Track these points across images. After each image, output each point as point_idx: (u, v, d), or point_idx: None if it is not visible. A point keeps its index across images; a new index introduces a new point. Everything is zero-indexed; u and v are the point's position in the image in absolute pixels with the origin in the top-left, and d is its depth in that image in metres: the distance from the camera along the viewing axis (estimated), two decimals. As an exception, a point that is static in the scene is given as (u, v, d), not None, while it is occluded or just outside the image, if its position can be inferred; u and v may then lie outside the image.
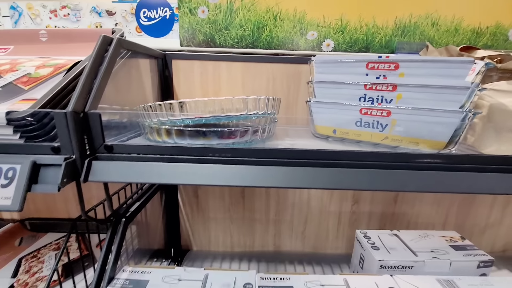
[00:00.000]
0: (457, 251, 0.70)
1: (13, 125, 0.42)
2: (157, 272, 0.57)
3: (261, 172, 0.43)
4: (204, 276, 0.57)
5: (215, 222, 1.10)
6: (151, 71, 0.81)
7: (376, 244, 0.72)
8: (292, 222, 1.09)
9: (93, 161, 0.43)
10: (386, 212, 1.06)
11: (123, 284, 0.53)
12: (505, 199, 1.06)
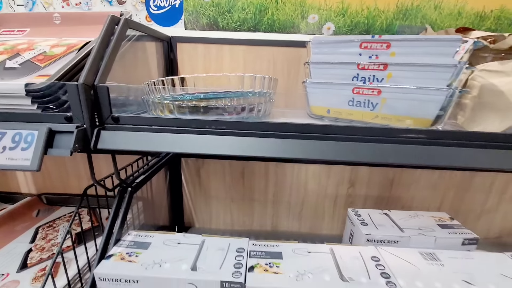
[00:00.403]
0: (444, 229, 0.74)
1: (31, 96, 0.47)
2: (159, 237, 0.63)
3: (253, 143, 0.47)
4: (201, 241, 0.62)
5: (216, 201, 1.16)
6: (157, 53, 0.86)
7: (365, 221, 0.77)
8: (290, 203, 1.14)
9: (102, 130, 0.49)
10: (381, 195, 1.09)
11: (128, 245, 0.59)
12: (503, 185, 1.07)
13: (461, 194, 1.09)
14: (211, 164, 1.07)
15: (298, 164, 1.05)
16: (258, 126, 0.48)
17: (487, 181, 1.07)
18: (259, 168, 1.07)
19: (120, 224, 0.61)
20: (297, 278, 0.52)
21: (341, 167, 1.05)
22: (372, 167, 1.04)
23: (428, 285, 0.52)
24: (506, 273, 0.57)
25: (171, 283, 0.51)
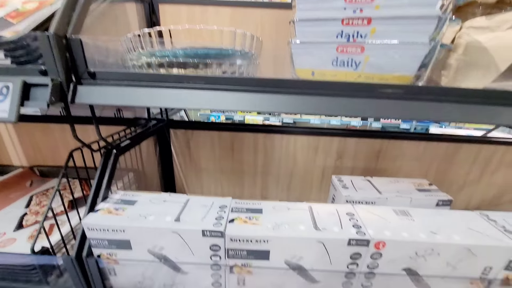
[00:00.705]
0: (421, 192, 0.78)
1: (3, 49, 0.49)
2: (146, 195, 0.67)
3: (231, 98, 0.49)
4: (186, 199, 0.66)
5: (206, 173, 1.19)
6: (138, 15, 0.85)
7: (347, 185, 0.80)
8: (279, 175, 1.18)
9: (78, 86, 0.50)
10: (368, 167, 1.13)
11: (115, 201, 0.63)
12: (486, 158, 1.11)
13: (445, 166, 1.13)
14: (200, 136, 1.10)
15: (286, 136, 1.08)
16: (236, 81, 0.50)
17: (471, 154, 1.10)
18: (248, 140, 1.10)
19: (107, 183, 0.65)
20: (274, 228, 0.56)
21: (329, 139, 1.08)
22: (359, 139, 1.07)
23: (395, 234, 0.56)
24: (472, 227, 0.61)
25: (155, 232, 0.55)
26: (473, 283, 0.61)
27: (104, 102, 0.50)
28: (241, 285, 0.64)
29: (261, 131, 1.07)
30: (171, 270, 0.63)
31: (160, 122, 1.01)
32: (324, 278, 0.61)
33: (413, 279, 0.61)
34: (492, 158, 1.11)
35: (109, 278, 0.65)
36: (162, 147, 1.11)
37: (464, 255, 0.57)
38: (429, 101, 0.47)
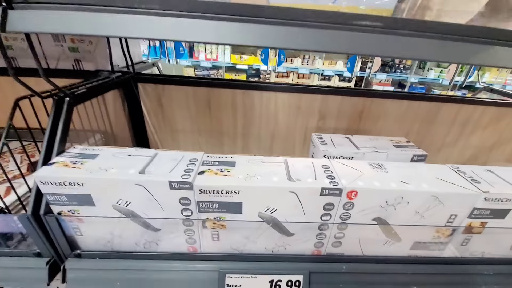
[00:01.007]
0: (397, 148, 0.79)
1: None
2: (108, 150, 0.62)
3: (187, 25, 0.43)
4: (154, 153, 0.63)
5: (183, 134, 1.15)
6: None
7: (325, 142, 0.80)
8: (260, 137, 1.16)
9: (9, 10, 0.43)
10: (350, 128, 1.13)
11: (73, 155, 0.58)
12: (465, 118, 1.15)
13: (426, 127, 1.15)
14: (173, 92, 1.04)
15: (266, 93, 1.04)
16: (197, 5, 0.43)
17: (451, 114, 1.13)
18: (225, 97, 1.05)
19: (62, 136, 0.59)
20: (246, 179, 0.55)
21: (311, 97, 1.06)
22: (342, 97, 1.06)
23: (367, 183, 0.57)
24: (442, 177, 0.63)
25: (117, 185, 0.52)
26: (438, 231, 0.64)
27: (40, 29, 0.43)
28: (216, 240, 0.63)
29: (240, 87, 1.02)
30: (141, 227, 0.61)
31: (126, 75, 0.94)
32: (298, 231, 0.62)
33: (383, 229, 0.63)
34: (470, 118, 1.15)
35: (76, 239, 0.63)
36: (131, 104, 1.04)
37: (432, 203, 0.59)
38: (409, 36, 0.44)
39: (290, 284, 0.65)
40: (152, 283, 0.64)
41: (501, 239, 0.68)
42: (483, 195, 0.58)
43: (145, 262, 0.64)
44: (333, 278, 0.68)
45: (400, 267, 0.69)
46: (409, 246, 0.67)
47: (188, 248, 0.65)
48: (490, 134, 1.19)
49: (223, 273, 0.64)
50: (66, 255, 0.63)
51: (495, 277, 0.71)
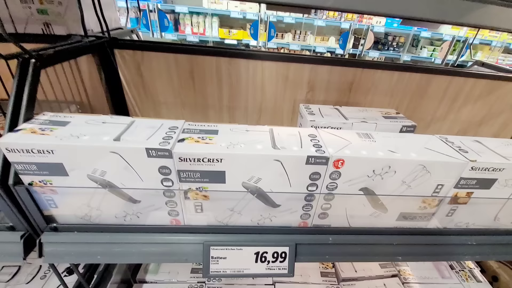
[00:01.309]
0: (387, 119, 0.79)
1: None
2: (81, 117, 0.60)
3: None
4: (131, 121, 0.60)
5: (166, 108, 1.12)
6: None
7: (313, 112, 0.79)
8: (247, 109, 1.13)
9: None
10: (340, 101, 1.12)
11: (42, 122, 0.55)
12: (455, 92, 1.15)
13: (416, 100, 1.15)
14: (153, 60, 0.99)
15: (253, 62, 1.01)
16: None
17: (442, 86, 1.13)
18: (209, 66, 1.02)
19: (28, 101, 0.56)
20: (228, 147, 0.53)
21: (299, 66, 1.03)
22: (332, 67, 1.03)
23: (354, 152, 0.56)
24: (429, 146, 0.63)
25: (90, 152, 0.50)
26: (425, 201, 0.65)
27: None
28: (199, 212, 0.63)
29: (225, 55, 0.99)
30: (120, 199, 0.60)
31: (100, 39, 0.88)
32: (284, 202, 0.62)
33: (370, 199, 0.64)
34: (461, 91, 1.15)
35: (51, 212, 0.61)
36: (108, 74, 0.99)
37: (419, 172, 0.59)
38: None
39: (276, 256, 0.66)
40: (135, 257, 0.64)
41: (486, 209, 0.70)
42: (470, 164, 0.59)
43: (127, 235, 0.64)
44: (319, 249, 0.69)
45: (386, 238, 0.70)
46: (395, 217, 0.68)
47: (171, 220, 0.64)
48: (480, 108, 1.20)
49: (208, 245, 0.64)
50: (42, 228, 0.62)
51: (478, 248, 0.74)
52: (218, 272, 0.66)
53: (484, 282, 1.14)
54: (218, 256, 0.65)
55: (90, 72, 0.92)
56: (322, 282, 1.06)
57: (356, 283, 1.07)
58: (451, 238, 0.73)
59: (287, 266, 0.67)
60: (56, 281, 0.95)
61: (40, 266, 1.00)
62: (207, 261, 0.65)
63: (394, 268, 1.14)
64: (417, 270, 1.16)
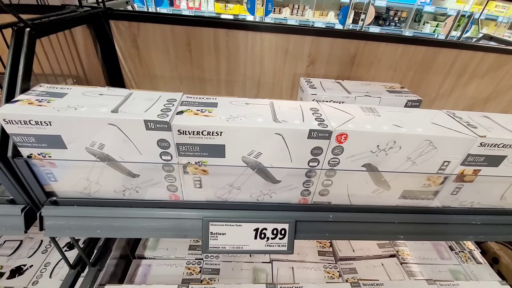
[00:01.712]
0: (391, 93, 0.79)
1: None
2: (78, 89, 0.61)
3: None
4: (128, 93, 0.61)
5: (163, 81, 1.12)
6: None
7: (315, 86, 0.79)
8: (245, 84, 1.13)
9: None
10: (341, 75, 1.11)
11: (39, 93, 0.57)
12: (462, 67, 1.13)
13: (420, 75, 1.14)
14: (149, 31, 0.98)
15: (252, 33, 1.00)
16: None
17: (449, 60, 1.11)
18: (207, 38, 1.01)
19: (24, 71, 0.57)
20: (228, 119, 0.54)
21: (300, 38, 1.02)
22: (333, 39, 1.02)
23: (358, 126, 0.57)
24: (436, 121, 0.63)
25: (88, 124, 0.52)
26: (430, 179, 0.66)
27: None
28: (198, 187, 0.65)
29: (222, 26, 0.98)
30: (118, 173, 0.61)
31: (95, 9, 0.88)
32: (285, 178, 0.63)
33: (373, 176, 0.65)
34: (468, 66, 1.13)
35: (51, 185, 0.63)
36: (104, 46, 0.99)
37: (425, 148, 0.60)
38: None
39: (276, 233, 0.68)
40: (134, 231, 0.67)
41: (493, 188, 0.71)
42: (480, 140, 0.59)
43: (126, 210, 0.66)
44: (319, 227, 0.71)
45: (388, 216, 0.72)
46: (398, 195, 0.70)
47: (170, 196, 0.66)
48: (487, 83, 1.19)
49: (207, 221, 0.66)
50: (42, 202, 0.64)
51: (482, 227, 0.76)
52: (217, 248, 0.68)
53: (484, 264, 1.17)
54: (217, 232, 0.67)
55: (86, 45, 0.92)
56: (319, 261, 1.09)
57: (354, 262, 1.10)
58: (454, 217, 0.74)
59: (287, 243, 0.70)
60: (57, 255, 0.99)
61: (42, 241, 1.05)
62: (206, 237, 0.67)
63: (392, 248, 1.18)
64: (415, 251, 1.19)
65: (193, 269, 1.03)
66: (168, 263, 1.05)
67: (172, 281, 0.93)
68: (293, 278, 1.02)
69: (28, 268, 0.97)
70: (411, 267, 1.12)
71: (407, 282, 0.99)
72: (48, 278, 0.95)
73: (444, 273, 1.11)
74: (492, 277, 1.12)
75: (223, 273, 1.03)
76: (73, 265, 0.87)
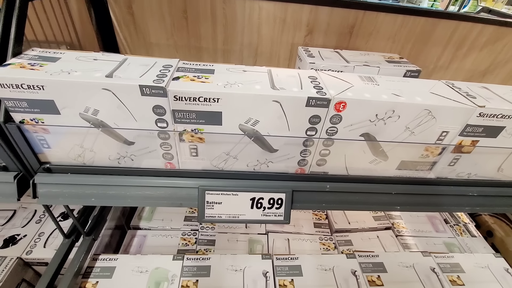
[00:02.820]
0: (390, 63, 0.80)
1: None
2: (71, 53, 0.62)
3: None
4: (123, 58, 0.62)
5: (158, 50, 1.13)
6: None
7: (313, 55, 0.80)
8: (242, 53, 1.14)
9: None
10: (340, 45, 1.13)
11: (31, 57, 0.58)
12: (461, 38, 1.15)
13: (419, 47, 1.16)
14: (145, 0, 0.98)
15: (249, 1, 1.00)
16: None
17: (448, 32, 1.13)
18: (204, 5, 1.01)
19: (16, 34, 0.58)
20: (225, 86, 0.56)
21: (298, 7, 1.02)
22: (332, 8, 1.02)
23: (357, 94, 0.59)
24: (435, 91, 0.66)
25: (82, 89, 0.53)
26: (428, 149, 0.70)
27: None
28: (194, 155, 0.67)
29: None
30: (113, 140, 0.64)
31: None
32: (282, 147, 0.66)
33: (371, 146, 0.68)
34: (467, 38, 1.16)
35: (44, 152, 0.65)
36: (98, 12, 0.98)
37: (424, 118, 0.63)
38: None
39: (272, 202, 0.72)
40: (128, 200, 0.70)
41: (490, 159, 0.74)
42: (479, 110, 0.62)
43: (121, 178, 0.69)
44: (316, 197, 0.75)
45: (385, 187, 0.76)
46: (396, 166, 0.73)
47: (165, 164, 0.69)
48: (485, 56, 1.22)
49: (203, 190, 0.69)
50: (35, 169, 0.67)
51: (479, 199, 0.80)
52: (213, 217, 0.72)
53: (478, 237, 1.24)
54: (213, 201, 0.71)
55: (80, 11, 0.92)
56: (315, 233, 1.15)
57: (349, 234, 1.17)
58: (451, 188, 0.78)
59: (283, 212, 0.74)
60: (51, 225, 1.04)
61: (35, 211, 1.09)
62: (202, 206, 0.71)
63: (388, 221, 1.24)
64: (411, 224, 1.26)
65: (189, 240, 1.08)
66: (163, 234, 1.10)
67: (167, 252, 0.98)
68: (289, 249, 1.09)
69: (22, 237, 1.01)
70: (406, 239, 1.18)
71: (402, 254, 1.06)
72: (42, 248, 0.99)
73: (438, 246, 1.18)
74: (486, 250, 1.19)
75: (218, 244, 1.09)
76: (67, 234, 0.91)
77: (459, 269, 1.02)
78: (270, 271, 0.93)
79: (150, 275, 0.90)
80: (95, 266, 0.92)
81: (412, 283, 0.95)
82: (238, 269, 0.94)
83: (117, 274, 0.90)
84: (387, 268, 0.98)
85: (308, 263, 0.97)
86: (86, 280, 0.88)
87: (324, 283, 0.92)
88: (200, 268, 0.93)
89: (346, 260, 1.00)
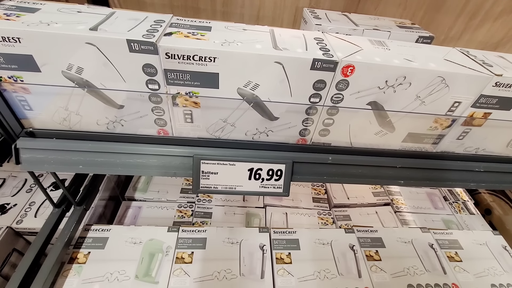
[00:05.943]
0: (401, 28, 0.75)
1: None
2: (53, 4, 0.56)
3: None
4: (110, 12, 0.57)
5: (152, 9, 1.06)
6: None
7: (319, 16, 0.74)
8: (243, 17, 1.08)
9: None
10: (347, 10, 1.05)
11: (8, 8, 0.52)
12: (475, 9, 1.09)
13: (431, 14, 1.10)
14: None
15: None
16: None
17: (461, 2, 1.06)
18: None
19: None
20: (223, 44, 0.51)
21: (305, -35, 0.95)
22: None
23: (367, 58, 0.55)
24: (449, 58, 0.61)
25: (63, 43, 0.48)
26: (437, 121, 0.66)
27: None
28: (189, 121, 0.63)
29: None
30: (100, 102, 0.59)
31: None
32: (283, 114, 0.62)
33: (377, 115, 0.64)
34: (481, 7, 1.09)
35: (26, 115, 0.61)
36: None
37: (437, 86, 0.59)
38: None
39: (271, 174, 0.69)
40: (119, 168, 0.67)
41: (500, 134, 0.71)
42: (496, 79, 0.58)
43: (110, 145, 0.65)
44: (317, 169, 0.72)
45: (390, 160, 0.73)
46: (402, 138, 0.70)
47: (158, 131, 0.65)
48: (499, 27, 1.16)
49: (198, 159, 0.66)
50: (17, 133, 0.63)
51: (485, 175, 0.78)
52: (209, 188, 0.69)
53: (477, 215, 1.24)
54: (209, 171, 0.67)
55: None
56: (313, 208, 1.14)
57: (348, 209, 1.16)
58: (458, 163, 0.76)
59: (283, 184, 0.71)
60: (42, 195, 1.01)
61: (26, 180, 1.06)
62: (197, 175, 0.68)
63: (387, 197, 1.23)
64: (410, 200, 1.25)
65: (185, 212, 1.06)
66: (159, 206, 1.08)
67: (163, 224, 0.96)
68: (287, 223, 1.07)
69: (12, 207, 0.99)
70: (404, 215, 1.17)
71: (401, 230, 1.05)
72: (33, 217, 0.97)
73: (437, 222, 1.17)
74: (484, 227, 1.19)
75: (215, 217, 1.07)
76: (57, 203, 0.88)
77: (457, 245, 1.01)
78: (267, 244, 0.92)
79: (144, 246, 0.89)
80: (87, 236, 0.90)
81: (410, 259, 0.94)
82: (235, 241, 0.92)
83: (110, 245, 0.89)
84: (386, 243, 0.98)
85: (306, 237, 0.96)
86: (77, 250, 0.87)
87: (322, 257, 0.91)
88: (195, 240, 0.92)
89: (344, 235, 0.98)
